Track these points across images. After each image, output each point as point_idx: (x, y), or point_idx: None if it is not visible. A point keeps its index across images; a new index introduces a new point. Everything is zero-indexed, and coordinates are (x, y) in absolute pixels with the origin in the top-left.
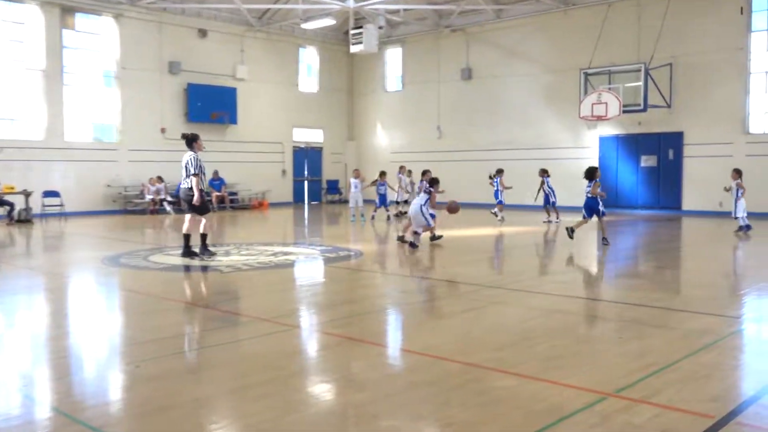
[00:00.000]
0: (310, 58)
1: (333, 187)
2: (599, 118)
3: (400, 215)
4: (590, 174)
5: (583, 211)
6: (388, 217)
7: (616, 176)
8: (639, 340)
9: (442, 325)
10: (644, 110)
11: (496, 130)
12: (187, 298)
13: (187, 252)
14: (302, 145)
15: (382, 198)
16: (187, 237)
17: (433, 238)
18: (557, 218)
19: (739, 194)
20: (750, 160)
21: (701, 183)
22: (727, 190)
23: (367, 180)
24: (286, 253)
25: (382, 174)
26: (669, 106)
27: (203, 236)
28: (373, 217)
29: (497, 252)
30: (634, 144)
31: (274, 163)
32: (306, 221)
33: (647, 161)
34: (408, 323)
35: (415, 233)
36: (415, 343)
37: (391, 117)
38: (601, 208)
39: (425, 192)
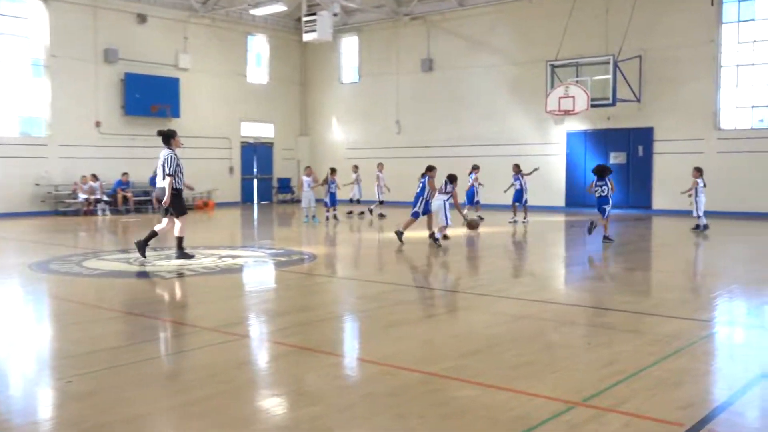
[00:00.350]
0: (259, 46)
1: (284, 185)
2: (566, 113)
3: (381, 217)
4: (602, 171)
5: (597, 209)
6: (335, 217)
7: (584, 174)
8: (608, 346)
9: (401, 332)
10: (613, 104)
11: (459, 125)
12: (125, 307)
13: (182, 254)
14: (251, 141)
15: (333, 197)
16: (180, 239)
17: (436, 239)
18: (525, 218)
19: (700, 191)
20: (721, 157)
21: (672, 181)
22: (687, 194)
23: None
24: (233, 257)
25: (333, 171)
26: (638, 100)
27: (180, 239)
28: (327, 218)
29: (463, 255)
30: (603, 140)
31: (221, 160)
32: (255, 222)
33: (616, 158)
34: (365, 331)
35: (437, 231)
36: (372, 352)
37: (346, 110)
38: (607, 207)
39: (447, 191)
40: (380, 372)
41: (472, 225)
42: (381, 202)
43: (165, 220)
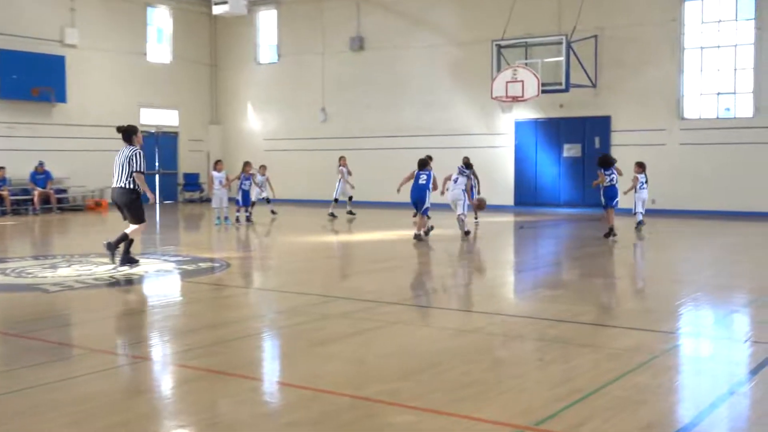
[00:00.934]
0: (161, 20)
1: (192, 182)
2: (515, 99)
3: (351, 214)
4: (606, 161)
5: (605, 201)
6: (248, 218)
7: (535, 168)
8: (563, 363)
9: (329, 351)
10: (566, 90)
11: (394, 113)
12: (0, 326)
13: (128, 259)
14: (152, 130)
15: (245, 195)
16: (129, 241)
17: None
18: (476, 218)
19: (641, 187)
20: (684, 149)
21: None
22: (630, 191)
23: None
24: (131, 266)
25: (246, 165)
26: (594, 85)
27: (130, 242)
28: (237, 219)
29: (401, 261)
30: (555, 130)
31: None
32: (158, 225)
33: (570, 151)
34: (287, 350)
35: (461, 220)
36: (295, 375)
37: (264, 95)
38: (617, 198)
39: (462, 176)
40: (304, 397)
41: (481, 205)
42: (350, 198)
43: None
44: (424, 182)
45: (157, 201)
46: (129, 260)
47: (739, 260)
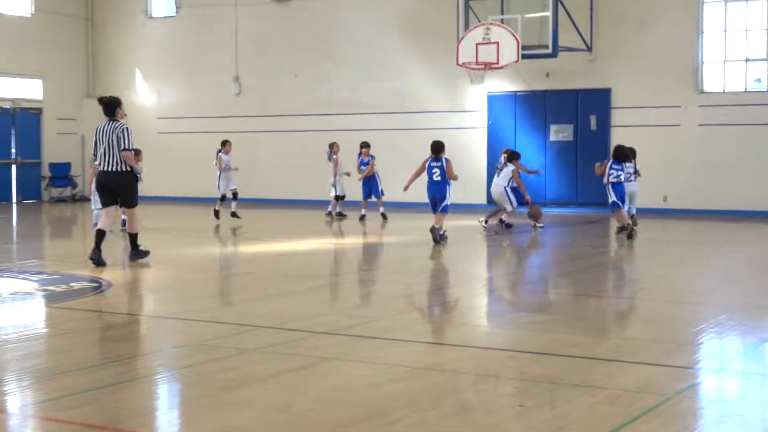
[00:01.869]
0: None
1: (61, 174)
2: (488, 66)
3: (341, 216)
4: (625, 155)
5: (616, 199)
6: (124, 222)
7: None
8: (549, 409)
9: (245, 396)
10: (554, 55)
11: (329, 84)
12: None
13: (137, 253)
14: (6, 105)
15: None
16: (133, 236)
17: (508, 225)
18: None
19: (628, 178)
20: (704, 131)
21: (638, 166)
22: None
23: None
24: None
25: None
26: (589, 49)
27: (134, 236)
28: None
29: (338, 277)
30: (541, 107)
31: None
32: (14, 233)
33: (559, 133)
34: (190, 397)
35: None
36: (200, 428)
37: (158, 61)
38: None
39: (506, 168)
40: None
41: (536, 214)
42: (340, 198)
43: (102, 213)
44: (439, 178)
45: (14, 201)
46: (141, 254)
47: None
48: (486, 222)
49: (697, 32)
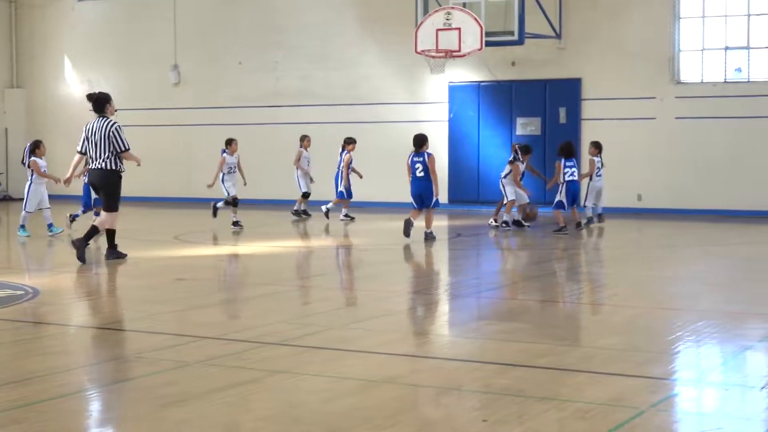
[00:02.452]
0: None
1: None
2: (449, 54)
3: (305, 215)
4: (570, 151)
5: (564, 199)
6: (73, 219)
7: (477, 152)
8: (516, 424)
9: (186, 413)
10: (520, 42)
11: (276, 74)
12: None
13: (115, 252)
14: None
15: (87, 192)
16: (111, 233)
17: (518, 223)
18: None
19: (596, 174)
20: (681, 125)
21: (610, 163)
22: (585, 175)
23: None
24: None
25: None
26: (559, 36)
27: (111, 233)
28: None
29: (287, 282)
30: (506, 98)
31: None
32: None
33: (526, 126)
34: (126, 414)
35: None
36: None
37: (89, 47)
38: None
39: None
40: None
41: (530, 215)
42: (306, 195)
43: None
44: (422, 174)
45: None
46: (117, 255)
47: (755, 278)
48: (495, 222)
49: (674, 18)
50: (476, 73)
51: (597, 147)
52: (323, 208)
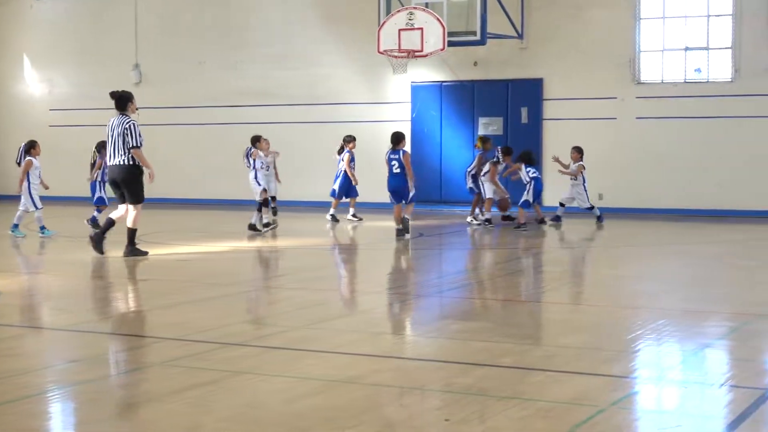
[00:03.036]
0: None
1: None
2: (411, 54)
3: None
4: (530, 159)
5: (530, 198)
6: (93, 221)
7: (440, 152)
8: (478, 423)
9: (147, 416)
10: (482, 42)
11: (238, 73)
12: None
13: (134, 250)
14: None
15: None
16: (132, 232)
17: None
18: (355, 215)
19: (584, 178)
20: (642, 125)
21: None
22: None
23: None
24: None
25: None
26: (521, 36)
27: (133, 232)
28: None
29: (248, 283)
30: (468, 98)
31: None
32: None
33: (489, 126)
34: (85, 417)
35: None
36: None
37: (49, 46)
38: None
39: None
40: None
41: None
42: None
43: (122, 206)
44: (398, 170)
45: None
46: (137, 252)
47: (714, 277)
48: (475, 220)
49: (635, 19)
50: (438, 73)
51: (579, 152)
52: (328, 217)
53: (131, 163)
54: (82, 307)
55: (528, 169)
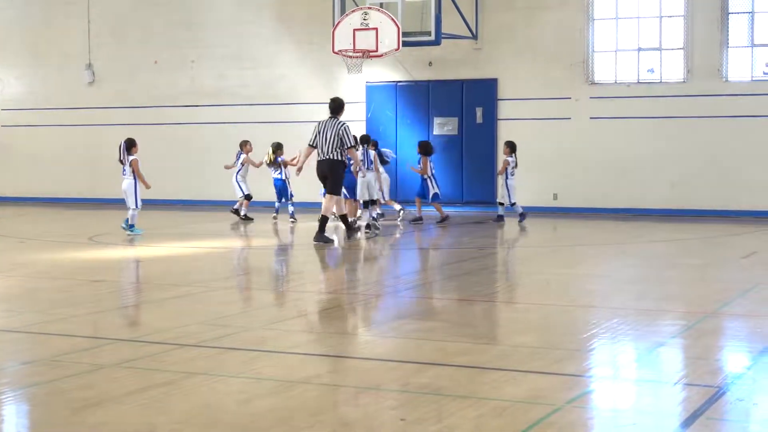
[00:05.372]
0: None
1: None
2: (366, 54)
3: (246, 219)
4: (426, 149)
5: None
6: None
7: (395, 152)
8: (434, 422)
9: (101, 418)
10: (437, 42)
11: (193, 73)
12: None
13: (322, 237)
14: None
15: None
16: (324, 219)
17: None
18: (292, 218)
19: (510, 173)
20: (596, 125)
21: (527, 161)
22: (500, 173)
23: None
24: None
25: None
26: (475, 36)
27: (344, 217)
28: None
29: (204, 284)
30: (423, 98)
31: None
32: None
33: (443, 127)
34: (39, 419)
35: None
36: None
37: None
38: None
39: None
40: None
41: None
42: (248, 197)
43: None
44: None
45: None
46: (326, 239)
47: (666, 276)
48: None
49: (588, 20)
50: (394, 73)
51: (510, 146)
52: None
53: (339, 159)
54: (34, 309)
55: (432, 161)
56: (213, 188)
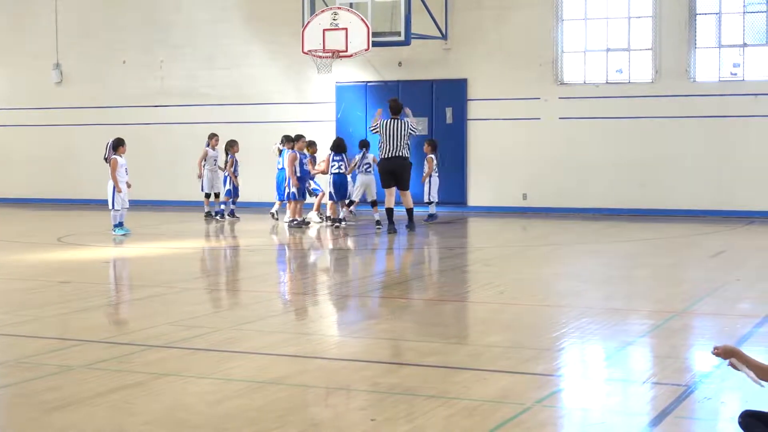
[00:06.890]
0: None
1: None
2: (336, 55)
3: (220, 218)
4: (338, 146)
5: (332, 191)
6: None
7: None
8: (404, 422)
9: (69, 420)
10: (406, 42)
11: (161, 73)
12: None
13: (391, 227)
14: None
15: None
16: (409, 210)
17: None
18: (276, 215)
19: (434, 170)
20: (565, 125)
21: (496, 162)
22: (426, 175)
23: None
24: None
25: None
26: (444, 36)
27: (390, 210)
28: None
29: (173, 284)
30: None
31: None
32: None
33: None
34: (9, 419)
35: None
36: None
37: None
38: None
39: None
40: None
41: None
42: (208, 195)
43: (386, 192)
44: (337, 171)
45: None
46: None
47: (635, 275)
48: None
49: (557, 20)
50: (363, 73)
51: (431, 145)
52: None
53: (407, 155)
54: (1, 310)
55: (335, 159)
56: (182, 188)
